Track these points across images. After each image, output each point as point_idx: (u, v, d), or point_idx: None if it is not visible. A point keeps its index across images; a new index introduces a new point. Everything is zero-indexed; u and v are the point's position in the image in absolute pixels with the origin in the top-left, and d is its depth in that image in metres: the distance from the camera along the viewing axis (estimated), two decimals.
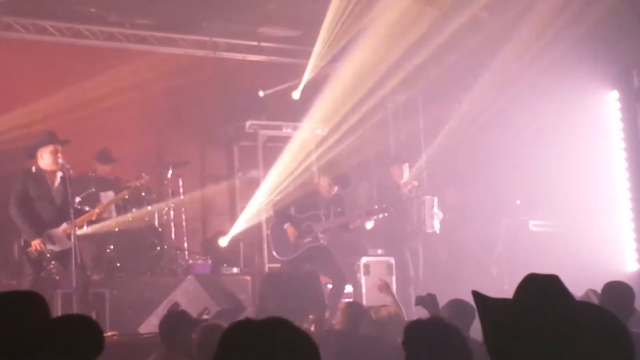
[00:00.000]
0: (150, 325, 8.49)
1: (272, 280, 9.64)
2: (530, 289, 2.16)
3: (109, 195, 9.96)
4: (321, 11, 11.03)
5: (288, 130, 11.91)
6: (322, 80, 11.69)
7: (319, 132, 11.87)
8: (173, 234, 11.16)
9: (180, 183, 11.31)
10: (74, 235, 8.24)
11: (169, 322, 6.15)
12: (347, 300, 9.34)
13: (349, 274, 10.32)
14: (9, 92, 10.86)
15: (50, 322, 2.59)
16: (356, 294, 10.46)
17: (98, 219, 9.24)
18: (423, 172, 11.92)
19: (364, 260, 10.70)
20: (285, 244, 9.98)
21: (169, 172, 11.14)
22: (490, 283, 10.13)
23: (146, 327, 8.62)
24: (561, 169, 11.22)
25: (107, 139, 11.05)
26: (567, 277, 2.28)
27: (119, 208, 10.19)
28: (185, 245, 11.28)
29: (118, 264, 10.11)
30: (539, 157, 11.41)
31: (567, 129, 11.12)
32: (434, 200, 10.94)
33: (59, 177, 8.50)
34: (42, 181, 8.46)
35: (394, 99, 13.13)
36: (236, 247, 11.12)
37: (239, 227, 11.07)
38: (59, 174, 8.48)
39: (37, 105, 10.57)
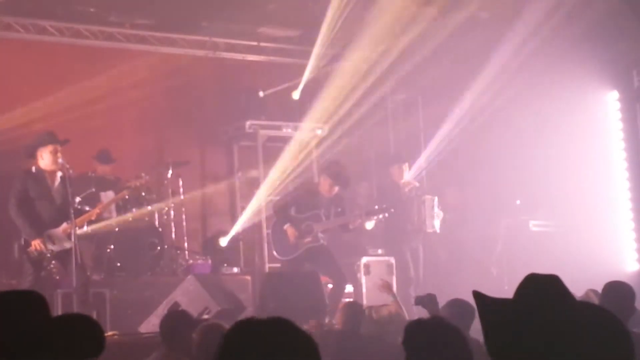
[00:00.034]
0: (150, 325, 8.49)
1: (272, 280, 9.64)
2: (530, 289, 2.16)
3: (109, 195, 9.96)
4: (321, 11, 11.04)
5: (288, 130, 11.91)
6: (322, 80, 11.70)
7: (319, 132, 11.88)
8: (173, 234, 11.15)
9: (180, 183, 11.30)
10: (74, 235, 8.24)
11: (169, 322, 6.15)
12: (347, 300, 9.35)
13: (349, 273, 10.32)
14: (9, 92, 10.85)
15: (51, 322, 2.59)
16: (356, 294, 10.46)
17: (98, 218, 9.25)
18: (423, 172, 11.92)
19: (364, 260, 10.70)
20: (285, 243, 9.98)
21: (169, 172, 11.13)
22: (490, 283, 10.11)
23: (146, 327, 8.63)
24: (561, 169, 11.22)
25: (107, 139, 11.04)
26: (567, 277, 2.28)
27: (119, 208, 10.19)
28: (186, 245, 11.27)
29: (118, 264, 10.12)
30: (539, 157, 11.41)
31: (567, 129, 11.11)
32: (434, 200, 10.94)
33: (59, 177, 8.49)
34: (42, 181, 8.45)
35: (394, 98, 13.13)
36: (236, 247, 11.13)
37: (239, 227, 11.08)
38: (59, 173, 8.47)
39: (37, 105, 10.56)
